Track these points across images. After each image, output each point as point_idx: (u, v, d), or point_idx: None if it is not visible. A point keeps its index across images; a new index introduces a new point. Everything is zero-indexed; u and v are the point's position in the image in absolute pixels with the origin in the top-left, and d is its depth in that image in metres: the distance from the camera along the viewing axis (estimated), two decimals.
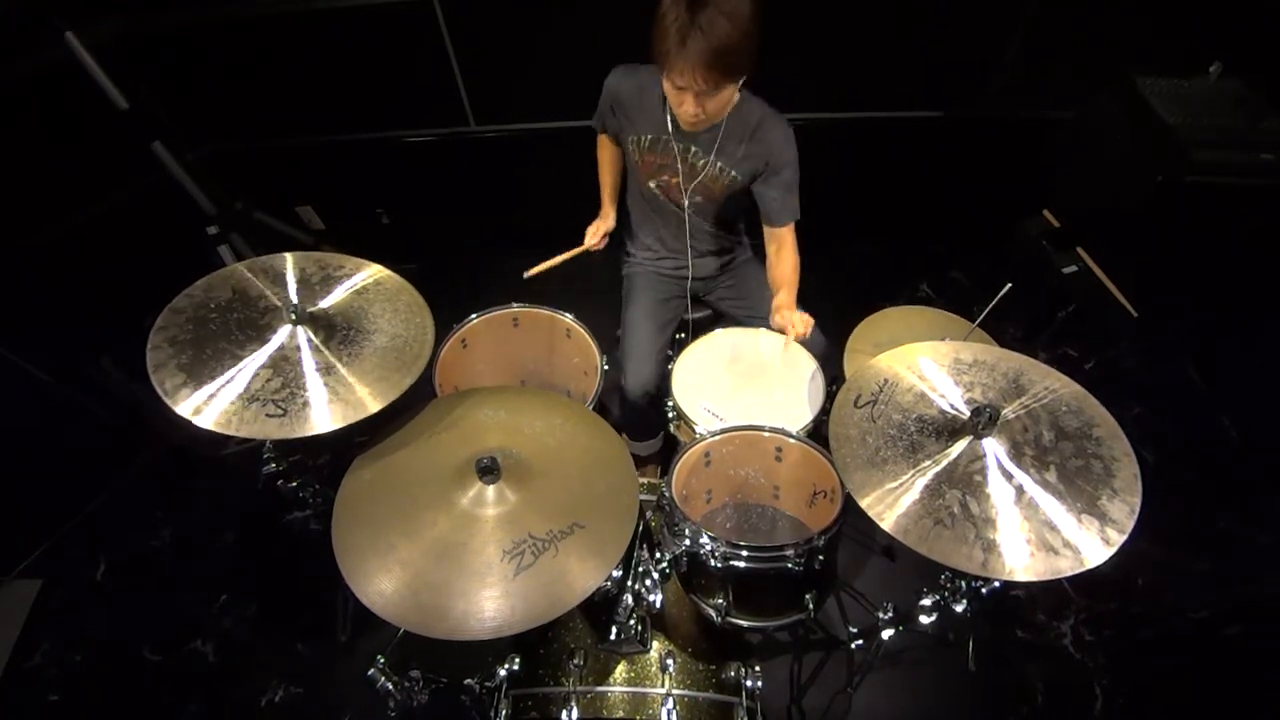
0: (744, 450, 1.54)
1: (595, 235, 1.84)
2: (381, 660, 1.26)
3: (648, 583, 1.25)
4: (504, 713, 1.28)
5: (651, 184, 1.72)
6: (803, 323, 1.58)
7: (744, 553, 1.29)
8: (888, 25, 2.25)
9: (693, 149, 1.60)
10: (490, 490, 1.14)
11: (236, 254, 2.25)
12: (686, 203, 1.69)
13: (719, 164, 1.60)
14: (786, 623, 1.44)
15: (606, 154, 1.83)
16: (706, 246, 1.83)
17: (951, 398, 1.23)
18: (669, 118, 1.56)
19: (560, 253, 1.78)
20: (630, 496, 1.19)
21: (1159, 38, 2.12)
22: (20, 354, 2.00)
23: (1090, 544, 1.03)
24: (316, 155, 2.62)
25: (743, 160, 1.59)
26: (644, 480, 1.46)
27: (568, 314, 1.77)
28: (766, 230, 1.69)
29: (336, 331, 1.32)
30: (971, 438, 1.14)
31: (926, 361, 1.30)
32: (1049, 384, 1.24)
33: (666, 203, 1.74)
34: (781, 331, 1.62)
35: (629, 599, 1.26)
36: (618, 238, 1.94)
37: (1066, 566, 1.02)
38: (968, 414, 1.17)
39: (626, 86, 1.61)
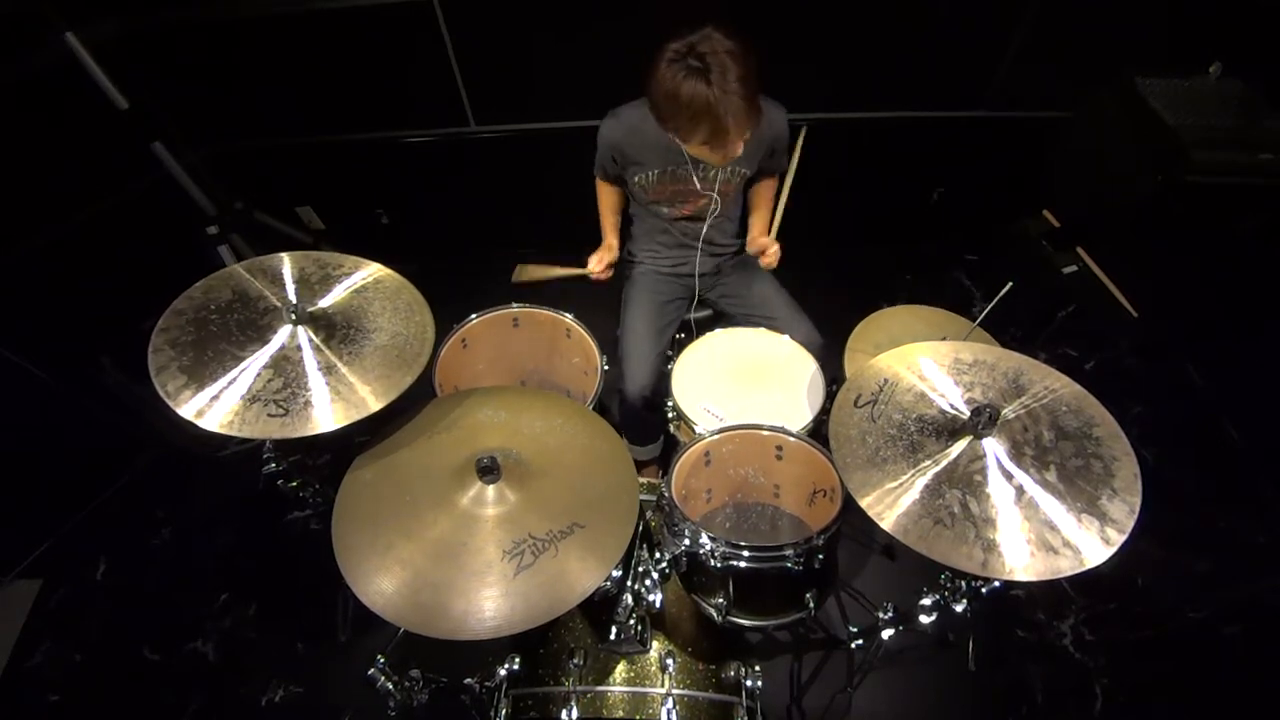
0: (744, 449, 1.54)
1: (600, 264, 1.75)
2: (381, 660, 1.26)
3: (648, 583, 1.25)
4: (504, 712, 1.28)
5: (665, 209, 1.73)
6: (774, 254, 1.67)
7: (744, 552, 1.29)
8: (888, 26, 2.25)
9: (703, 164, 1.60)
10: (490, 490, 1.14)
11: (236, 254, 2.24)
12: (710, 213, 1.70)
13: (730, 166, 1.61)
14: (787, 622, 1.44)
15: (608, 196, 1.82)
16: (717, 249, 1.84)
17: (951, 397, 1.23)
18: (679, 145, 1.54)
19: (559, 266, 1.74)
20: (630, 497, 1.19)
21: (1159, 38, 2.12)
22: (20, 354, 2.00)
23: (1090, 544, 1.03)
24: (316, 155, 2.62)
25: (752, 153, 1.60)
26: (644, 480, 1.46)
27: (568, 314, 1.77)
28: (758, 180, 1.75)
29: (337, 330, 1.32)
30: (971, 438, 1.14)
31: (926, 361, 1.30)
32: (1049, 384, 1.24)
33: (683, 220, 1.75)
34: (760, 253, 1.68)
35: (629, 599, 1.26)
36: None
37: (1066, 566, 1.02)
38: (968, 414, 1.17)
39: (621, 133, 1.61)
